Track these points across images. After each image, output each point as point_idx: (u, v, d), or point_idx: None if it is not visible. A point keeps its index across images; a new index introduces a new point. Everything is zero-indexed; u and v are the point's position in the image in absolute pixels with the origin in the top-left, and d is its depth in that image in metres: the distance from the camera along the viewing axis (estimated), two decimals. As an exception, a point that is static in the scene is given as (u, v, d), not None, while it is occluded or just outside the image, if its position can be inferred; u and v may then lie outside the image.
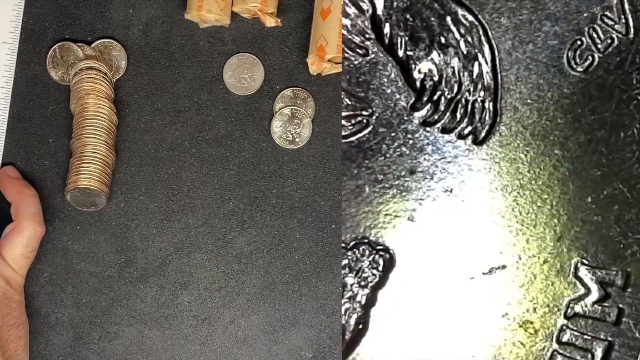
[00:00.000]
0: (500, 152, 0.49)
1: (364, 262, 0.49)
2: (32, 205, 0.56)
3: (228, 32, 0.59)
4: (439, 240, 0.50)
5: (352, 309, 0.49)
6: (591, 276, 0.49)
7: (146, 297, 0.59)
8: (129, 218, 0.59)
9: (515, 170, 0.49)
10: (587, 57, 0.49)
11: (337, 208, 0.59)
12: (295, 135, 0.59)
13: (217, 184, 0.59)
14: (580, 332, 0.48)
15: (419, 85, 0.48)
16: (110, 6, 0.59)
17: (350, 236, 0.49)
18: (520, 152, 0.49)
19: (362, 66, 0.49)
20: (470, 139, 0.49)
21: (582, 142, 0.49)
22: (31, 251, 0.55)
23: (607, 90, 0.49)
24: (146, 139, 0.59)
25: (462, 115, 0.48)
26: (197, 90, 0.59)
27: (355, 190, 0.49)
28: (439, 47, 0.48)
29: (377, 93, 0.49)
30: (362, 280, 0.49)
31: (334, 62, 0.57)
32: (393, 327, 0.50)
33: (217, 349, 0.59)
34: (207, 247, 0.59)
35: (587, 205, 0.49)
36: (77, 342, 0.59)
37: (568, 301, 0.49)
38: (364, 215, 0.49)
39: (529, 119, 0.49)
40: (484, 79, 0.48)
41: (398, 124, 0.49)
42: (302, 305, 0.59)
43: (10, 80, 0.59)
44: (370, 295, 0.49)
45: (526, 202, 0.49)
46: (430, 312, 0.50)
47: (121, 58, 0.59)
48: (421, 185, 0.49)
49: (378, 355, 0.50)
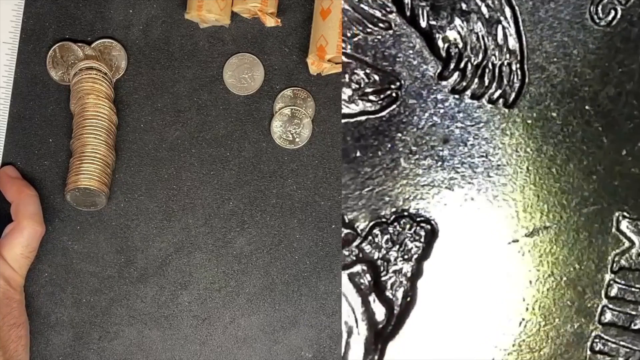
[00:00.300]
0: (532, 112, 0.49)
1: (405, 235, 0.49)
2: (32, 205, 0.56)
3: (228, 32, 0.59)
4: (478, 206, 0.50)
5: (398, 283, 0.49)
6: (633, 228, 0.49)
7: (146, 297, 0.59)
8: (129, 218, 0.59)
9: (549, 129, 0.49)
10: (609, 10, 0.49)
11: (337, 208, 0.59)
12: (295, 135, 0.59)
13: (217, 184, 0.59)
14: (628, 285, 0.49)
15: (445, 54, 0.49)
16: (110, 6, 0.59)
17: (390, 210, 0.49)
18: (552, 111, 0.49)
19: (386, 40, 0.49)
20: (501, 103, 0.49)
21: (612, 95, 0.49)
22: (31, 251, 0.55)
23: (632, 42, 0.49)
24: (146, 139, 0.59)
25: (490, 80, 0.48)
26: (197, 90, 0.59)
27: (391, 164, 0.49)
28: (461, 14, 0.48)
29: (404, 65, 0.49)
30: (406, 254, 0.49)
31: (334, 62, 0.57)
32: (441, 297, 0.50)
33: (217, 349, 0.59)
34: (207, 247, 0.59)
35: (622, 158, 0.49)
36: (77, 342, 0.59)
37: (613, 255, 0.49)
38: (401, 188, 0.50)
39: (557, 77, 0.49)
40: (508, 42, 0.48)
41: (427, 94, 0.49)
42: (302, 305, 0.59)
43: (10, 80, 0.59)
44: (416, 268, 0.49)
45: (562, 161, 0.49)
46: (477, 279, 0.50)
47: (121, 58, 0.59)
48: (456, 153, 0.49)
49: (428, 326, 0.50)
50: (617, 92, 0.49)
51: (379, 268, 0.49)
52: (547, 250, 0.50)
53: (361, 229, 0.49)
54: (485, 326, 0.50)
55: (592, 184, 0.49)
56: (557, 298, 0.49)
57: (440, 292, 0.50)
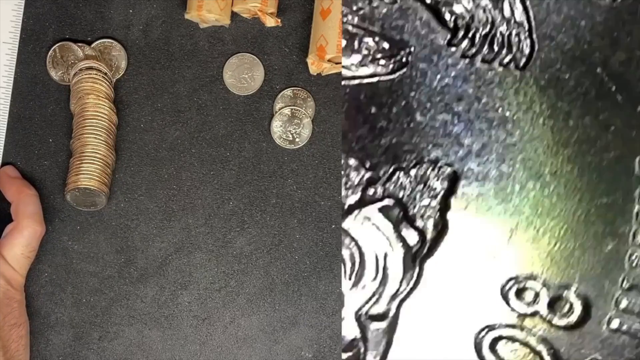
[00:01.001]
0: (544, 74, 0.50)
1: (428, 176, 0.50)
2: (32, 204, 0.56)
3: (228, 32, 0.59)
4: (496, 155, 0.51)
5: (427, 215, 0.50)
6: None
7: (146, 297, 0.59)
8: (129, 218, 0.59)
9: (562, 89, 0.50)
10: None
11: (337, 208, 0.59)
12: (295, 135, 0.59)
13: (217, 184, 0.59)
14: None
15: (452, 25, 0.49)
16: (110, 6, 0.59)
17: (410, 157, 0.50)
18: (564, 73, 0.50)
19: (393, 13, 0.50)
20: (513, 66, 0.50)
21: (622, 60, 0.50)
22: (31, 251, 0.55)
23: (639, 13, 0.50)
24: (146, 139, 0.59)
25: (500, 47, 0.49)
26: (197, 90, 0.59)
27: (407, 118, 0.50)
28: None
29: (412, 35, 0.50)
30: (431, 191, 0.50)
31: (334, 62, 0.57)
32: (472, 227, 0.51)
33: (217, 349, 0.59)
34: (207, 247, 0.59)
35: (637, 114, 0.50)
36: (77, 342, 0.59)
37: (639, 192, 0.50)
38: (419, 139, 0.50)
39: (566, 45, 0.50)
40: (515, 15, 0.49)
41: (438, 59, 0.50)
42: (302, 305, 0.59)
43: (10, 80, 0.59)
44: (443, 203, 0.50)
45: (578, 115, 0.50)
46: (505, 211, 0.51)
47: (121, 58, 0.59)
48: (471, 109, 0.50)
49: (460, 252, 0.51)
50: (627, 57, 0.50)
51: (406, 204, 0.50)
52: (573, 186, 0.50)
53: (382, 173, 0.50)
54: (515, 248, 0.51)
55: (610, 135, 0.50)
56: (589, 225, 0.50)
57: (470, 223, 0.51)
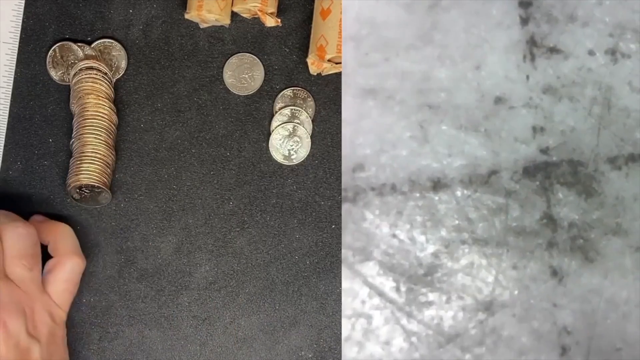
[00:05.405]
0: None
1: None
2: (69, 238, 0.55)
3: (228, 32, 0.59)
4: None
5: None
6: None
7: (146, 297, 0.59)
8: (129, 218, 0.59)
9: None
10: None
11: (337, 208, 0.59)
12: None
13: (217, 184, 0.59)
14: None
15: None
16: (110, 6, 0.59)
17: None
18: None
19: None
20: None
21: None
22: (74, 285, 0.55)
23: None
24: (146, 139, 0.59)
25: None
26: (197, 90, 0.59)
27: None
28: None
29: None
30: None
31: (334, 62, 0.57)
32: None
33: (217, 349, 0.59)
34: (207, 247, 0.59)
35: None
36: (77, 342, 0.59)
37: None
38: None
39: None
40: None
41: None
42: (302, 305, 0.59)
43: (10, 80, 0.59)
44: None
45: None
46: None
47: (121, 58, 0.59)
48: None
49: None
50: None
51: None
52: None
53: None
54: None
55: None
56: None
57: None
